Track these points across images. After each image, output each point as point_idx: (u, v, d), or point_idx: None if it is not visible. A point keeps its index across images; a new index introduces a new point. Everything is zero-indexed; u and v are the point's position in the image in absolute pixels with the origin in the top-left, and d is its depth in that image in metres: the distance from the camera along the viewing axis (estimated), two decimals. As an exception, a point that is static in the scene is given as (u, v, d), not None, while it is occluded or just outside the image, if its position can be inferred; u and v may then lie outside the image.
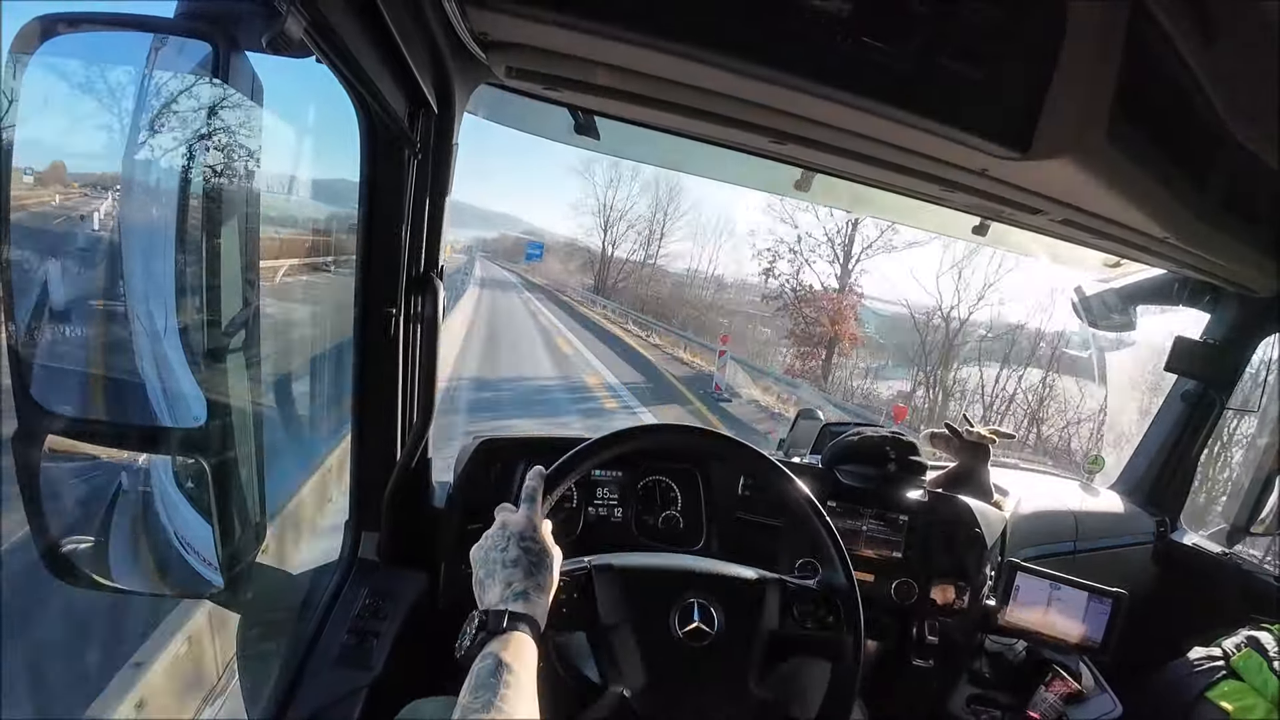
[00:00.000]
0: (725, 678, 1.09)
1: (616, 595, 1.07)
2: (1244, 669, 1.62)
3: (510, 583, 0.92)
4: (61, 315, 1.01)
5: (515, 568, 0.93)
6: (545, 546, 0.97)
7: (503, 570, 0.93)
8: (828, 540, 1.18)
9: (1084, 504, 2.29)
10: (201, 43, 0.79)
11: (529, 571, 0.93)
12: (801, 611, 1.15)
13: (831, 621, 1.15)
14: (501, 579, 0.92)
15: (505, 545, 0.95)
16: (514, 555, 0.94)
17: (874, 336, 22.73)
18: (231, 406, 0.95)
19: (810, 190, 1.72)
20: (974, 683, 1.75)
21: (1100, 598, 1.66)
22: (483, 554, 0.96)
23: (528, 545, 0.95)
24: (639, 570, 1.12)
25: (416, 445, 1.40)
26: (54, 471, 0.94)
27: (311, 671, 1.21)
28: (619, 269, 38.11)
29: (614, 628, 1.06)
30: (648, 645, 1.06)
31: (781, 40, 0.92)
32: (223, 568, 0.98)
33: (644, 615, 1.07)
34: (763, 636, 1.11)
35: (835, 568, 1.17)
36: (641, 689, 1.03)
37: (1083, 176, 1.13)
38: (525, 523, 0.98)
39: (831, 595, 1.17)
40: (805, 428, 1.98)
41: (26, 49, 0.76)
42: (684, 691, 1.07)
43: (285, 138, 2.19)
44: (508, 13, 0.91)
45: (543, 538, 0.97)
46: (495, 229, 74.37)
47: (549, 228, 75.35)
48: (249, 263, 0.94)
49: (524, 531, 0.96)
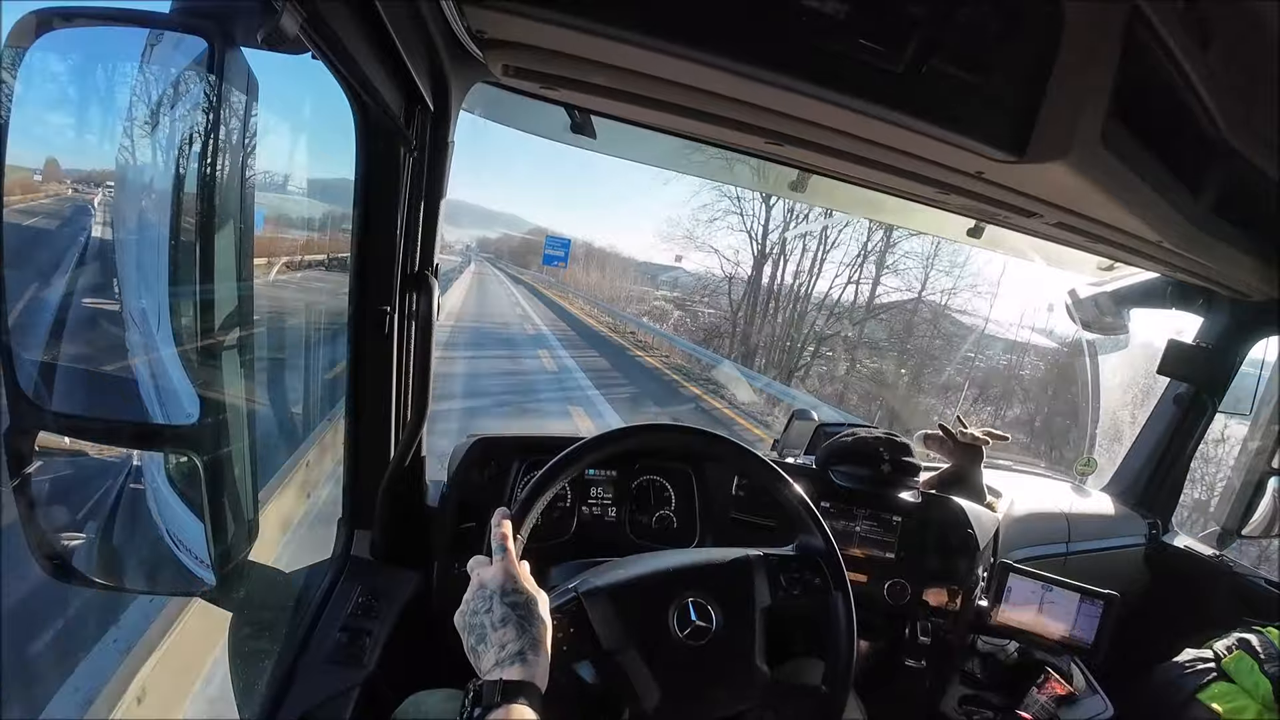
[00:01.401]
0: (733, 666, 1.10)
1: (611, 617, 1.06)
2: (1235, 671, 1.63)
3: (504, 645, 0.87)
4: (54, 311, 1.01)
5: (505, 627, 0.88)
6: (529, 595, 0.92)
7: (493, 633, 0.88)
8: (799, 506, 1.21)
9: (1076, 506, 2.30)
10: (197, 38, 0.79)
11: (521, 628, 0.88)
12: (789, 580, 1.17)
13: (818, 583, 1.18)
14: (495, 643, 0.87)
15: (489, 606, 0.90)
16: (500, 614, 0.89)
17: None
18: (224, 404, 0.94)
19: (806, 191, 1.73)
20: (966, 683, 1.76)
21: (1092, 599, 1.67)
22: (466, 620, 0.91)
23: (512, 600, 0.90)
24: (627, 584, 1.11)
25: (410, 443, 1.39)
26: (46, 467, 0.93)
27: (304, 669, 1.20)
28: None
29: (617, 650, 1.05)
30: (653, 659, 1.05)
31: (778, 41, 0.92)
32: (215, 565, 0.97)
33: (643, 630, 1.07)
34: (760, 616, 1.13)
35: (810, 531, 1.20)
36: (658, 705, 1.03)
37: (1078, 180, 1.13)
38: (503, 576, 0.93)
39: (812, 557, 1.20)
40: (799, 428, 1.98)
41: (21, 43, 0.76)
42: (697, 694, 1.07)
43: (281, 134, 2.19)
44: (505, 11, 0.91)
45: (524, 586, 0.93)
46: (500, 228, 72.13)
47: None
48: (242, 259, 0.93)
49: (504, 586, 0.92)
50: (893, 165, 1.28)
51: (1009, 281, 18.02)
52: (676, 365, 17.46)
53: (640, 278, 30.71)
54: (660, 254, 27.48)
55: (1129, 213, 1.31)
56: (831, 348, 20.94)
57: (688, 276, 26.20)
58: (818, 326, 21.07)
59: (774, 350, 21.45)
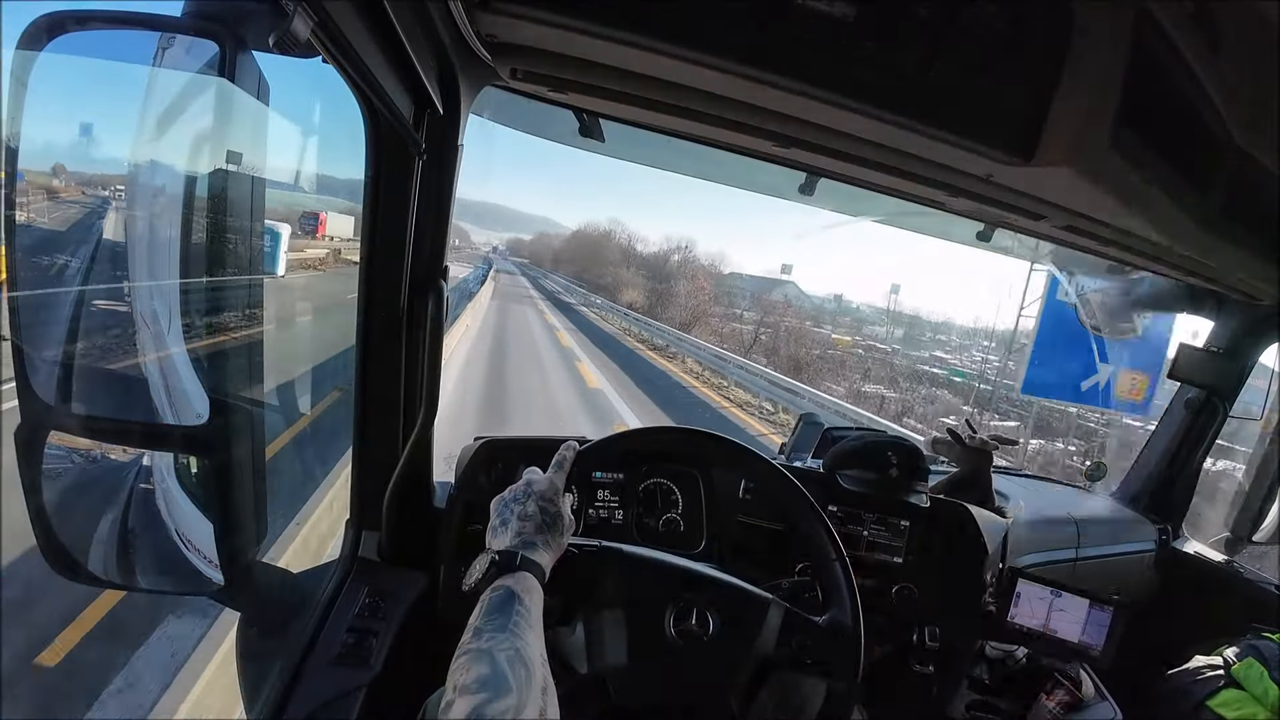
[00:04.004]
0: (707, 685, 1.08)
1: (618, 579, 1.09)
2: (1245, 678, 1.61)
3: (521, 532, 0.96)
4: (66, 312, 1.01)
5: (529, 521, 0.98)
6: (561, 511, 1.02)
7: (517, 521, 0.98)
8: (842, 579, 1.18)
9: (1085, 511, 2.29)
10: (208, 42, 0.80)
11: (540, 528, 0.97)
12: (800, 644, 1.13)
13: (828, 668, 1.14)
14: (514, 528, 0.97)
15: (525, 500, 1.00)
16: (531, 510, 0.99)
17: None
18: (234, 405, 0.95)
19: (814, 195, 1.72)
20: (974, 689, 1.75)
21: (1101, 605, 1.66)
22: (502, 504, 1.02)
23: (545, 505, 1.00)
24: (647, 561, 1.14)
25: (418, 445, 1.40)
26: (56, 467, 0.94)
27: (310, 670, 1.21)
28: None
29: (608, 608, 1.07)
30: (637, 631, 1.07)
31: (786, 45, 0.92)
32: (223, 565, 0.98)
33: (640, 604, 1.09)
34: (755, 657, 1.10)
35: (844, 610, 1.16)
36: (620, 669, 1.04)
37: (1086, 183, 1.13)
38: (548, 485, 1.03)
39: (837, 635, 1.15)
40: (807, 432, 1.98)
41: (34, 46, 0.76)
42: (662, 683, 1.07)
43: (291, 138, 2.19)
44: (514, 15, 0.91)
45: (561, 504, 1.02)
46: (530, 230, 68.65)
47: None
48: (253, 261, 0.94)
49: (545, 492, 1.02)
50: (901, 168, 1.28)
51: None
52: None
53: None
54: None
55: (1138, 216, 1.30)
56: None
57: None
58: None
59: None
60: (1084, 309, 2.43)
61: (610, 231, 55.70)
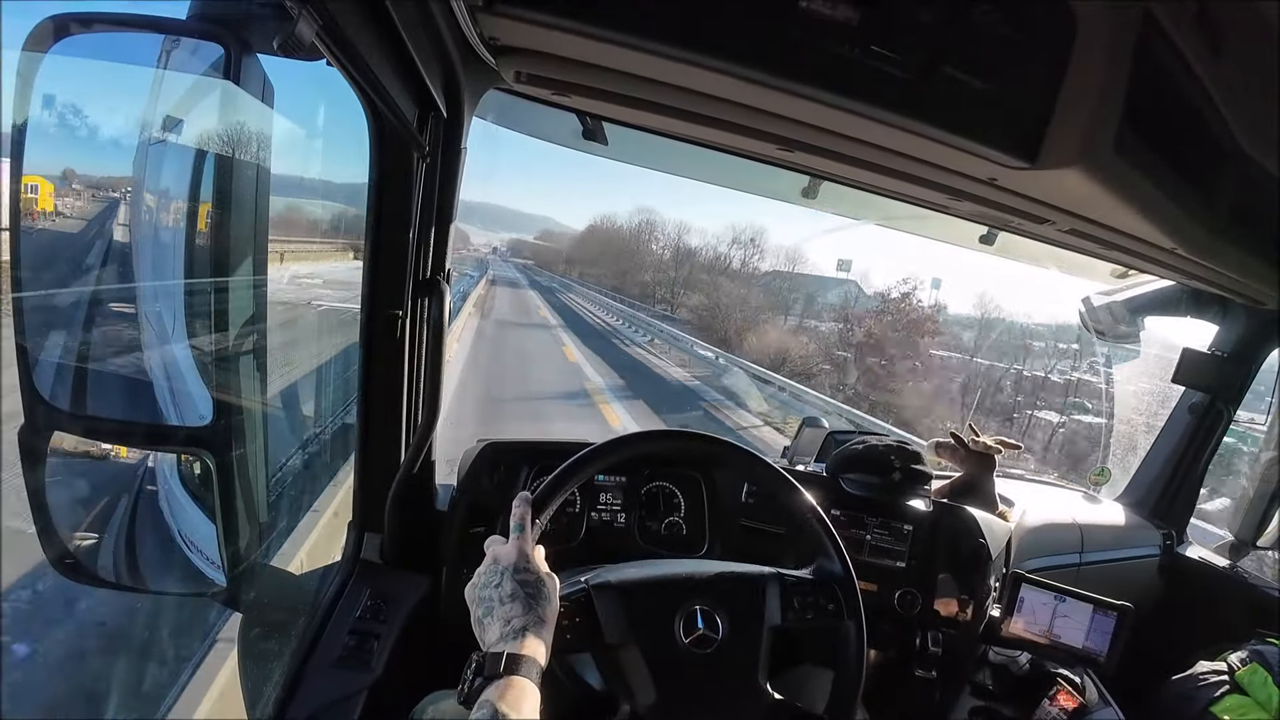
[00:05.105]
0: (734, 680, 1.09)
1: (618, 612, 1.06)
2: (1248, 683, 1.61)
3: (509, 620, 0.88)
4: (71, 313, 1.02)
5: (513, 602, 0.90)
6: (540, 575, 0.94)
7: (500, 607, 0.90)
8: (819, 529, 1.19)
9: (1089, 516, 2.28)
10: (213, 45, 0.80)
11: (528, 605, 0.90)
12: (802, 603, 1.16)
13: (832, 609, 1.16)
14: (500, 617, 0.89)
15: (499, 581, 0.92)
16: (510, 590, 0.91)
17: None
18: (237, 406, 0.95)
19: (817, 197, 1.72)
20: (977, 694, 1.74)
21: (1105, 610, 1.65)
22: (476, 592, 0.93)
23: (522, 578, 0.92)
24: (638, 583, 1.11)
25: (420, 448, 1.40)
26: (60, 467, 0.94)
27: (312, 672, 1.21)
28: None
29: (619, 645, 1.05)
30: (654, 660, 1.05)
31: (790, 48, 0.92)
32: (225, 566, 0.98)
33: (648, 629, 1.07)
34: (767, 634, 1.12)
35: (830, 555, 1.18)
36: (652, 705, 1.03)
37: (1090, 187, 1.12)
38: (516, 554, 0.94)
39: (829, 582, 1.18)
40: (810, 435, 1.97)
41: (40, 48, 0.77)
42: (695, 701, 1.06)
43: (295, 140, 2.20)
44: (518, 19, 0.91)
45: (537, 567, 0.94)
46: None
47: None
48: (257, 264, 0.94)
49: (516, 564, 0.93)
50: (905, 171, 1.28)
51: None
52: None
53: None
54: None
55: (1142, 219, 1.30)
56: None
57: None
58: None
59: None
60: (1087, 314, 2.43)
61: (650, 222, 46.41)
